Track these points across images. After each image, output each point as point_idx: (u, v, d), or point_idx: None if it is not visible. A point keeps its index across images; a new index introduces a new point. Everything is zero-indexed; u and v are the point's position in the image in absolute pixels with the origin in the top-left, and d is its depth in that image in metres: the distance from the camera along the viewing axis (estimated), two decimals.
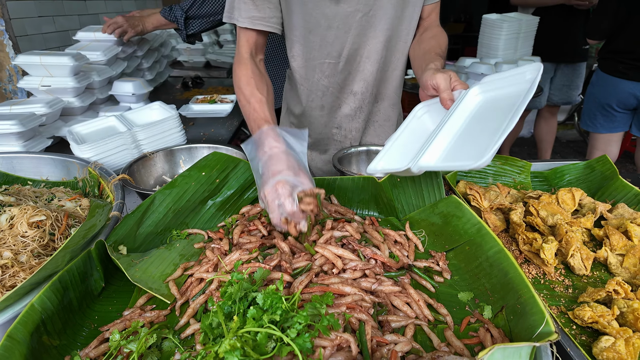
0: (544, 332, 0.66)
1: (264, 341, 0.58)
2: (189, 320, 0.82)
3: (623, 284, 0.87)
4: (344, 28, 1.35)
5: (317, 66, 1.43)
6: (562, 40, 3.53)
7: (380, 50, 1.41)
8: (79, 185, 1.33)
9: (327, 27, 1.34)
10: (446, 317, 0.82)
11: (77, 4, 3.46)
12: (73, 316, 0.82)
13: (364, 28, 1.36)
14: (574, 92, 3.78)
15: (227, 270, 0.89)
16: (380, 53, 1.41)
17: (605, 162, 1.34)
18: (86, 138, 1.51)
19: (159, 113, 1.70)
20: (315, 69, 1.44)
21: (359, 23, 1.34)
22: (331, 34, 1.35)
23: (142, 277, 0.91)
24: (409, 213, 1.14)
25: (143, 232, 1.04)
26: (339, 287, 0.82)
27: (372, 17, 1.34)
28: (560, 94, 3.76)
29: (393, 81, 1.53)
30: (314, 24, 1.33)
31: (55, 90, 1.89)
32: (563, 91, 3.75)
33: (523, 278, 0.78)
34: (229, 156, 1.18)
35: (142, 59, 2.73)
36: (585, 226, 1.11)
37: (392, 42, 1.41)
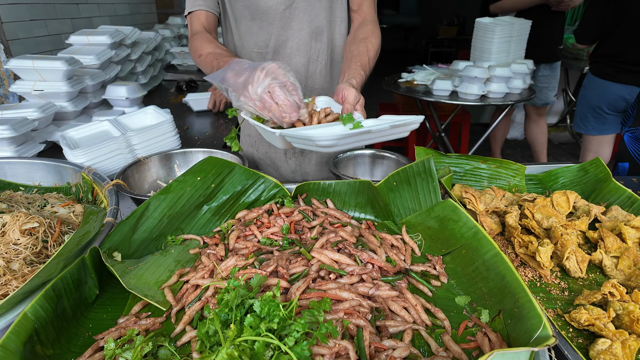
0: (542, 336, 0.66)
1: (262, 350, 0.57)
2: (185, 328, 0.81)
3: (618, 286, 0.87)
4: (268, 20, 1.39)
5: (246, 54, 1.47)
6: (542, 40, 3.58)
7: (308, 42, 1.43)
8: (72, 191, 1.31)
9: (251, 18, 1.39)
10: (444, 321, 0.82)
11: (69, 8, 3.44)
12: (67, 325, 0.80)
13: (288, 20, 1.39)
14: (551, 93, 3.84)
15: (223, 277, 0.88)
16: (309, 45, 1.43)
17: (598, 164, 1.35)
18: (79, 143, 1.50)
19: (153, 117, 1.68)
20: (246, 56, 1.47)
21: (282, 15, 1.38)
22: (255, 25, 1.40)
23: (137, 284, 0.90)
24: (406, 217, 1.14)
25: (138, 238, 1.03)
26: (336, 293, 0.81)
27: (295, 9, 1.37)
28: (541, 94, 3.81)
29: (325, 74, 1.53)
30: (239, 14, 1.39)
31: (47, 94, 1.88)
32: (543, 92, 3.80)
33: (520, 282, 0.78)
34: (225, 161, 1.17)
35: (135, 62, 2.72)
36: (580, 229, 1.12)
37: (323, 34, 1.43)
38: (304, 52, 1.45)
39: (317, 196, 1.23)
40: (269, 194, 1.21)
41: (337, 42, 1.49)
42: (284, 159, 1.71)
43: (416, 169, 1.13)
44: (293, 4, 1.36)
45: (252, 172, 1.20)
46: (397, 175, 1.14)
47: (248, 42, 1.45)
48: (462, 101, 3.06)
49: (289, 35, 1.41)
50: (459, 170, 1.39)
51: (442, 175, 1.27)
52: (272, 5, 1.36)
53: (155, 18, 5.25)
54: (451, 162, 1.40)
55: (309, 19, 1.39)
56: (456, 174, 1.39)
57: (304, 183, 1.22)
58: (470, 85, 2.99)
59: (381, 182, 1.15)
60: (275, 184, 1.21)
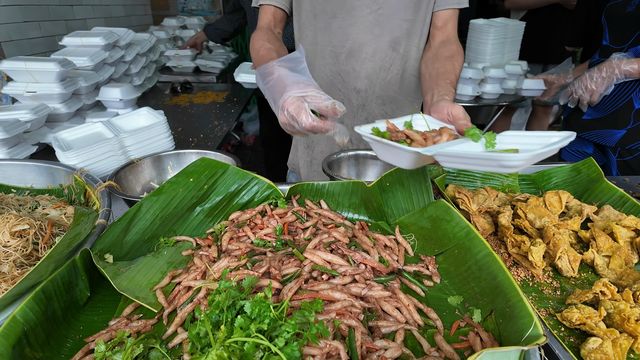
0: (533, 335, 0.66)
1: (252, 351, 0.57)
2: (176, 330, 0.80)
3: (609, 285, 0.88)
4: (349, 20, 1.35)
5: (319, 52, 1.45)
6: (550, 41, 3.61)
7: (387, 50, 1.40)
8: (64, 193, 1.30)
9: (332, 15, 1.36)
10: (436, 321, 0.82)
11: (63, 9, 3.43)
12: (57, 327, 0.80)
13: (370, 24, 1.36)
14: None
15: (215, 278, 0.88)
16: (385, 52, 1.41)
17: (591, 164, 1.36)
18: (72, 144, 1.49)
19: (146, 119, 1.68)
20: (318, 54, 1.45)
21: (365, 19, 1.35)
22: (335, 23, 1.36)
23: (128, 285, 0.89)
24: (399, 217, 1.14)
25: (130, 240, 1.03)
26: (329, 293, 0.81)
27: (380, 15, 1.33)
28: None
29: (402, 85, 1.49)
30: (320, 9, 1.36)
31: (40, 96, 1.87)
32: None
33: (511, 281, 0.78)
34: (218, 162, 1.17)
35: (130, 64, 2.71)
36: (572, 228, 1.12)
37: (401, 44, 1.40)
38: (379, 59, 1.42)
39: (310, 197, 1.23)
40: (262, 195, 1.21)
41: (411, 55, 1.44)
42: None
43: (409, 170, 1.13)
44: (380, 9, 1.32)
45: (245, 173, 1.19)
46: (390, 175, 1.15)
47: (323, 39, 1.42)
48: (457, 102, 3.07)
49: (367, 39, 1.39)
50: (452, 170, 1.40)
51: (435, 176, 1.27)
52: (358, 5, 1.33)
53: (151, 20, 5.25)
54: None
55: (391, 27, 1.36)
56: (449, 174, 1.39)
57: (297, 184, 1.22)
58: (464, 86, 3.00)
59: (374, 182, 1.15)
60: (269, 185, 1.21)
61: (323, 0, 1.34)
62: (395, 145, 0.90)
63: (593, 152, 2.11)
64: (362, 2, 1.32)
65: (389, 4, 1.32)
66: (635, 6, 1.71)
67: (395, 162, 0.96)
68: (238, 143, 5.36)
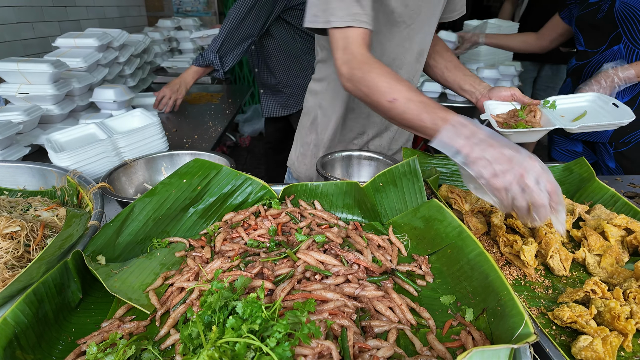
0: (523, 333, 0.66)
1: (243, 351, 0.57)
2: (169, 331, 0.80)
3: (600, 283, 0.88)
4: (388, 36, 1.36)
5: None
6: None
7: (413, 63, 1.44)
8: (57, 195, 1.30)
9: (377, 31, 1.32)
10: (428, 320, 0.82)
11: (57, 10, 3.41)
12: (49, 329, 0.79)
13: (402, 39, 1.38)
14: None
15: (208, 279, 0.88)
16: (412, 65, 1.44)
17: (582, 164, 1.37)
18: (65, 146, 1.49)
19: (140, 120, 1.68)
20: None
21: (401, 34, 1.36)
22: (376, 39, 1.35)
23: (121, 287, 0.89)
24: (392, 217, 1.15)
25: (123, 242, 1.02)
26: (321, 293, 0.81)
27: (412, 30, 1.36)
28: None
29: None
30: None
31: (33, 97, 1.86)
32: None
33: (503, 280, 0.78)
34: (211, 163, 1.16)
35: (124, 65, 2.70)
36: None
37: (422, 56, 1.46)
38: (407, 71, 1.44)
39: (304, 197, 1.23)
40: (256, 196, 1.21)
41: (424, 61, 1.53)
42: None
43: (402, 170, 1.13)
44: (412, 24, 1.34)
45: (239, 174, 1.19)
46: (383, 176, 1.15)
47: None
48: (451, 103, 3.08)
49: (399, 53, 1.41)
50: (445, 170, 1.40)
51: (428, 176, 1.27)
52: (399, 22, 1.32)
53: (145, 21, 5.23)
54: (437, 163, 1.41)
55: (419, 40, 1.40)
56: (443, 175, 1.40)
57: (291, 185, 1.22)
58: None
59: (367, 183, 1.16)
60: (263, 186, 1.21)
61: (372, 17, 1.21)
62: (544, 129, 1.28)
63: (582, 150, 2.13)
64: (402, 19, 1.32)
65: (420, 19, 1.35)
66: (604, 12, 1.80)
67: (528, 140, 1.32)
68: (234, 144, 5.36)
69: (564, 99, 1.42)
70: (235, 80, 5.89)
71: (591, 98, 1.42)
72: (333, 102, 1.53)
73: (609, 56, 1.82)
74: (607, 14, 1.78)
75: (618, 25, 1.76)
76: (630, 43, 1.74)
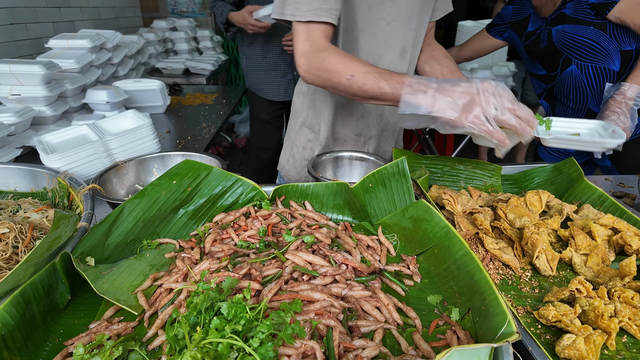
0: (506, 332, 0.67)
1: (226, 351, 0.58)
2: (157, 332, 0.81)
3: (585, 282, 0.89)
4: (372, 33, 1.38)
5: None
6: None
7: (397, 59, 1.46)
8: (48, 196, 1.30)
9: (361, 29, 1.36)
10: (415, 320, 0.83)
11: (51, 11, 3.40)
12: (36, 331, 0.79)
13: (386, 36, 1.40)
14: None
15: (196, 280, 0.88)
16: (397, 62, 1.46)
17: (571, 164, 1.38)
18: (57, 147, 1.48)
19: (132, 121, 1.68)
20: None
21: (383, 31, 1.38)
22: (362, 38, 1.39)
23: (109, 288, 0.89)
24: (382, 218, 1.15)
25: (112, 243, 1.02)
26: (308, 294, 0.82)
27: (394, 27, 1.38)
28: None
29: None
30: (351, 23, 1.36)
31: (25, 99, 1.86)
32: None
33: (488, 280, 0.79)
34: (201, 164, 1.17)
35: (117, 66, 2.70)
36: (552, 227, 1.14)
37: (407, 52, 1.47)
38: (393, 68, 1.46)
39: (295, 198, 1.23)
40: (246, 197, 1.21)
41: (413, 61, 1.54)
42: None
43: (391, 170, 1.14)
44: (393, 21, 1.38)
45: (229, 175, 1.20)
46: (372, 176, 1.16)
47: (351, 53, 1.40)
48: None
49: (385, 51, 1.43)
50: (435, 171, 1.41)
51: (418, 176, 1.28)
52: (378, 19, 1.35)
53: (140, 22, 5.22)
54: (428, 163, 1.42)
55: (402, 36, 1.42)
56: (433, 175, 1.41)
57: (282, 185, 1.23)
58: None
59: (357, 183, 1.16)
60: (253, 187, 1.21)
61: (354, 14, 1.31)
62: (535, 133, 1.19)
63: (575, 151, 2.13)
64: (380, 16, 1.35)
65: (400, 15, 1.37)
66: (545, 42, 1.86)
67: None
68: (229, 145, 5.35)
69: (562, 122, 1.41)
70: (230, 81, 5.89)
71: (593, 126, 1.40)
72: (324, 101, 1.54)
73: (567, 76, 1.88)
74: (548, 44, 1.85)
75: (563, 52, 1.82)
76: (581, 61, 1.80)
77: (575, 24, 1.74)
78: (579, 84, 1.86)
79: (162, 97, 2.48)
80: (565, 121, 1.42)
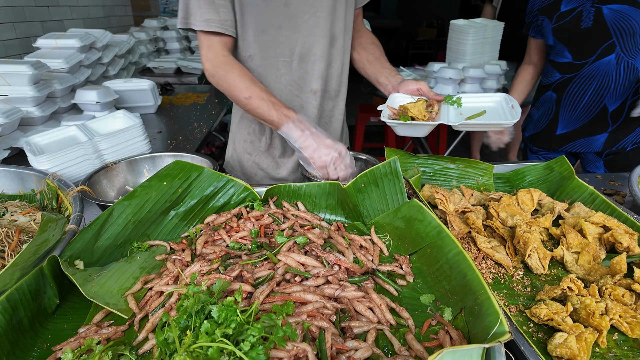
0: (498, 332, 0.67)
1: (216, 356, 0.57)
2: (147, 335, 0.79)
3: (576, 281, 0.90)
4: (294, 28, 1.42)
5: (272, 64, 1.49)
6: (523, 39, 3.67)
7: (328, 48, 1.49)
8: (36, 199, 1.28)
9: (278, 26, 1.40)
10: (408, 320, 0.83)
11: (39, 10, 3.35)
12: (23, 336, 0.78)
13: (312, 28, 1.43)
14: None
15: (187, 283, 0.87)
16: (328, 51, 1.50)
17: (563, 163, 1.39)
18: (45, 149, 1.46)
19: (123, 121, 1.66)
20: (271, 67, 1.49)
21: (307, 23, 1.42)
22: (282, 34, 1.42)
23: (99, 292, 0.88)
24: (374, 217, 1.15)
25: (101, 246, 1.01)
26: (301, 295, 0.81)
27: (318, 17, 1.42)
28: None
29: (343, 78, 1.62)
30: (266, 24, 1.39)
31: (13, 99, 1.83)
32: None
33: (480, 280, 0.79)
34: (192, 164, 1.16)
35: (108, 66, 2.67)
36: (544, 225, 1.15)
37: (336, 41, 1.51)
38: (325, 57, 1.50)
39: (287, 199, 1.23)
40: (238, 198, 1.20)
41: (347, 48, 1.57)
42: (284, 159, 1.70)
43: (383, 170, 1.14)
44: (316, 12, 1.41)
45: (221, 176, 1.19)
46: (364, 176, 1.15)
47: (274, 52, 1.46)
48: None
49: (313, 42, 1.46)
50: (428, 170, 1.41)
51: (411, 176, 1.28)
52: (298, 13, 1.39)
53: (131, 21, 5.17)
54: (420, 163, 1.41)
55: (329, 26, 1.46)
56: (426, 174, 1.41)
57: (274, 186, 1.22)
58: (444, 87, 3.03)
59: (349, 183, 1.16)
60: (245, 188, 1.20)
61: (269, 14, 1.37)
62: (427, 123, 1.31)
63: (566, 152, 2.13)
64: (301, 9, 1.39)
65: (323, 6, 1.41)
66: (591, 21, 1.70)
67: (416, 134, 1.38)
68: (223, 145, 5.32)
69: (471, 97, 1.46)
70: None
71: (498, 99, 1.44)
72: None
73: (602, 67, 1.74)
74: (595, 23, 1.69)
75: (612, 35, 1.67)
76: (624, 54, 1.68)
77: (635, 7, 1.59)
78: (606, 78, 1.73)
79: (153, 97, 2.46)
80: (473, 97, 1.48)
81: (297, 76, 1.51)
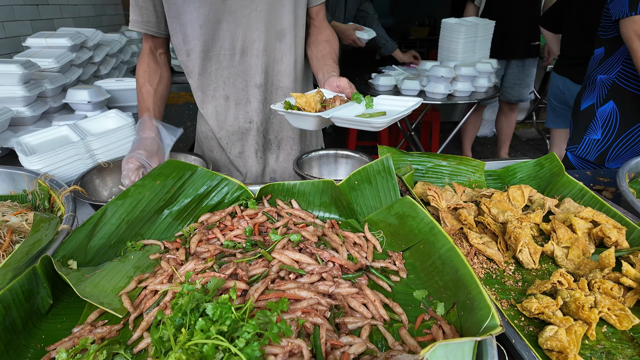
0: (490, 325, 0.68)
1: (211, 352, 0.57)
2: (142, 334, 0.80)
3: (566, 275, 0.91)
4: (234, 22, 1.44)
5: (212, 58, 1.51)
6: (512, 37, 3.72)
7: (272, 43, 1.50)
8: (28, 199, 1.27)
9: (216, 21, 1.42)
10: (401, 315, 0.84)
11: (29, 9, 3.31)
12: (17, 337, 0.78)
13: (254, 22, 1.45)
14: (525, 90, 4.02)
15: (181, 281, 0.87)
16: (273, 45, 1.51)
17: (553, 159, 1.41)
18: (36, 149, 1.45)
19: (115, 121, 1.65)
20: (212, 60, 1.52)
21: (247, 18, 1.43)
22: (222, 28, 1.44)
23: (92, 291, 0.88)
24: (368, 215, 1.16)
25: (95, 245, 1.01)
26: (295, 292, 0.82)
27: (260, 12, 1.43)
28: (513, 91, 3.99)
29: (289, 73, 1.60)
30: (204, 19, 1.41)
31: (2, 99, 1.81)
32: (514, 89, 3.98)
33: (472, 274, 0.80)
34: (185, 163, 1.16)
35: (99, 65, 2.65)
36: (534, 221, 1.16)
37: (284, 36, 1.51)
38: (269, 52, 1.52)
39: (281, 197, 1.23)
40: (232, 196, 1.21)
41: (299, 44, 1.57)
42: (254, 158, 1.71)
43: (376, 168, 1.15)
44: (258, 7, 1.42)
45: (214, 175, 1.19)
46: (358, 174, 1.16)
47: (215, 45, 1.48)
48: (430, 100, 3.12)
49: (255, 36, 1.47)
50: (420, 167, 1.42)
51: (403, 173, 1.29)
52: (238, 7, 1.41)
53: (123, 20, 5.12)
54: (413, 160, 1.43)
55: (274, 21, 1.46)
56: (418, 172, 1.42)
57: (268, 184, 1.22)
58: (437, 85, 3.05)
59: (343, 181, 1.16)
60: (239, 186, 1.21)
61: (206, 10, 1.39)
62: (304, 113, 1.21)
63: None
64: (241, 4, 1.41)
65: (264, 1, 1.42)
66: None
67: (305, 127, 1.27)
68: None
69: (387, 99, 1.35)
70: None
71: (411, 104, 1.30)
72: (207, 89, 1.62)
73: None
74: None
75: None
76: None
77: None
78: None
79: None
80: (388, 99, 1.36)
81: (241, 70, 1.53)
